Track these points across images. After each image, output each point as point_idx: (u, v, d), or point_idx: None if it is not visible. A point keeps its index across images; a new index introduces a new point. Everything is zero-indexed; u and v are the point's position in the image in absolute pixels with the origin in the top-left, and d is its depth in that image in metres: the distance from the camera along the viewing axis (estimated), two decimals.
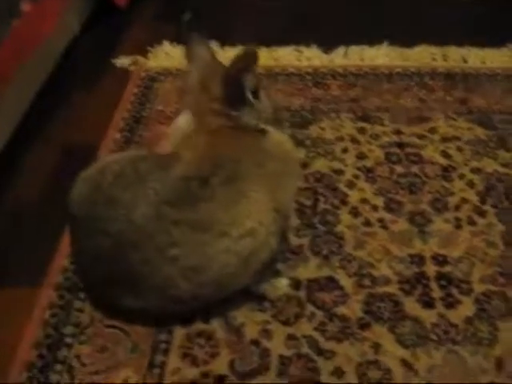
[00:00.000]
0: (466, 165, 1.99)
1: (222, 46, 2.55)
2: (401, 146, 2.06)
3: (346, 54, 2.52)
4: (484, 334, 1.52)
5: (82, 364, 1.45)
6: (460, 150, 2.05)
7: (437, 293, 1.61)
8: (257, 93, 1.47)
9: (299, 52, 2.53)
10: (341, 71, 2.42)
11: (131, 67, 2.46)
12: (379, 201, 1.86)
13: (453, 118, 2.18)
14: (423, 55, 2.51)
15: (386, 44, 2.55)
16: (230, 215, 1.38)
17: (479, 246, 1.73)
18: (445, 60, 2.50)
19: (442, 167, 1.98)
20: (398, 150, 2.04)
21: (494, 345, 1.49)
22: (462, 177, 1.95)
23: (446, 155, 2.03)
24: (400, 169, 1.97)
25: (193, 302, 1.44)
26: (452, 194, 1.89)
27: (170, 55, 2.50)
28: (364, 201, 1.86)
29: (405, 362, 1.46)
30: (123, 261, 1.36)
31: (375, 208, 1.84)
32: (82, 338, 1.50)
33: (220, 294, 1.46)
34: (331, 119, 2.16)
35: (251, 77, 1.41)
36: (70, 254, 1.60)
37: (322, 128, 2.13)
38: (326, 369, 1.44)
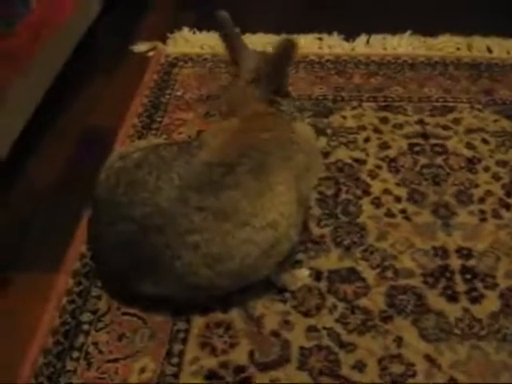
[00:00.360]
0: (491, 157, 1.95)
1: (243, 33, 2.51)
2: (425, 136, 2.02)
3: (368, 42, 2.48)
4: (509, 330, 1.48)
5: (100, 351, 1.43)
6: (485, 141, 2.01)
7: (461, 287, 1.57)
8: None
9: (320, 40, 2.49)
10: (363, 60, 2.38)
11: (149, 53, 2.43)
12: (402, 192, 1.82)
13: (478, 109, 2.14)
14: (447, 44, 2.47)
15: (408, 33, 2.50)
16: (253, 206, 1.36)
17: (504, 239, 1.69)
18: (469, 50, 2.46)
19: (467, 159, 1.94)
20: (421, 141, 2.00)
21: None
22: (486, 169, 1.90)
23: (470, 147, 1.98)
24: (424, 160, 1.93)
25: (212, 291, 1.42)
26: (477, 186, 1.85)
27: (189, 41, 2.48)
28: (386, 191, 1.82)
29: (428, 357, 1.42)
30: (147, 245, 1.35)
31: (398, 199, 1.80)
32: (99, 326, 1.49)
33: (239, 283, 1.45)
34: (353, 108, 2.13)
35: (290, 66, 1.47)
36: (88, 240, 1.58)
37: (343, 117, 2.10)
38: (348, 362, 1.41)
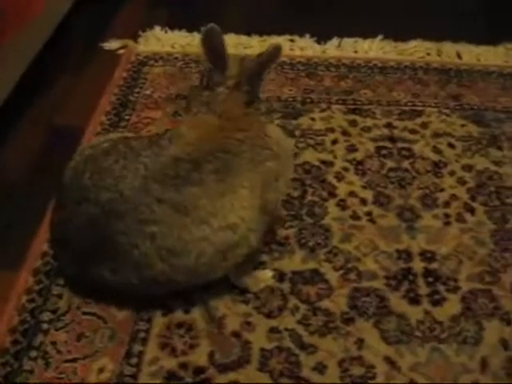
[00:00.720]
0: (457, 161, 1.96)
1: None
2: (392, 139, 2.03)
3: (339, 45, 2.49)
4: (469, 332, 1.49)
5: (58, 351, 1.41)
6: (451, 146, 2.02)
7: (423, 289, 1.58)
8: None
9: (292, 42, 2.49)
10: (334, 62, 2.39)
11: (120, 51, 2.41)
12: (368, 194, 1.83)
13: (446, 114, 2.16)
14: (418, 49, 2.48)
15: (380, 37, 2.52)
16: (213, 205, 1.37)
17: (468, 243, 1.70)
18: (439, 55, 2.47)
19: (433, 163, 1.95)
20: (389, 144, 2.01)
21: (478, 344, 1.47)
22: (452, 173, 1.92)
23: (437, 151, 2.00)
24: (390, 163, 1.94)
25: (168, 285, 1.42)
26: (442, 190, 1.86)
27: (160, 40, 2.46)
28: (352, 194, 1.83)
29: (388, 359, 1.43)
30: (108, 229, 1.37)
31: (364, 201, 1.81)
32: (58, 325, 1.47)
33: (195, 280, 1.44)
34: (322, 110, 2.13)
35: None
36: (52, 226, 1.55)
37: (312, 119, 2.10)
38: (308, 364, 1.41)
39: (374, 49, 2.47)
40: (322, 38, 2.51)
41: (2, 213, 1.77)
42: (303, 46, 2.47)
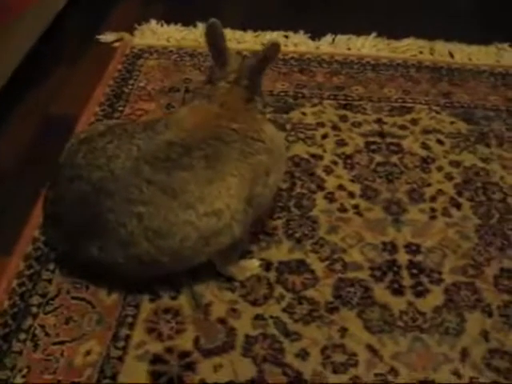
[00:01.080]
0: (445, 157, 1.99)
1: None
2: (381, 135, 2.06)
3: (333, 42, 2.51)
4: (451, 323, 1.52)
5: (47, 334, 1.44)
6: (440, 142, 2.05)
7: (407, 281, 1.61)
8: None
9: (286, 38, 2.52)
10: (327, 58, 2.41)
11: (115, 44, 2.44)
12: (356, 188, 1.86)
13: (435, 111, 2.18)
14: (410, 48, 2.51)
15: (373, 35, 2.54)
16: (201, 191, 1.40)
17: (453, 237, 1.73)
18: (431, 54, 2.50)
19: (421, 158, 1.98)
20: (378, 139, 2.04)
21: (460, 335, 1.49)
22: (440, 169, 1.95)
23: (425, 147, 2.02)
24: (379, 158, 1.97)
25: (153, 266, 1.44)
26: (429, 185, 1.89)
27: (156, 33, 2.49)
28: (341, 187, 1.85)
29: (370, 347, 1.46)
30: (98, 207, 1.40)
31: (351, 195, 1.83)
32: (47, 309, 1.49)
33: (178, 264, 1.47)
34: (313, 105, 2.16)
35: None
36: (45, 202, 1.56)
37: (303, 113, 2.12)
38: (292, 350, 1.44)
39: (367, 46, 2.49)
40: (315, 35, 2.53)
41: None
42: (297, 42, 2.49)
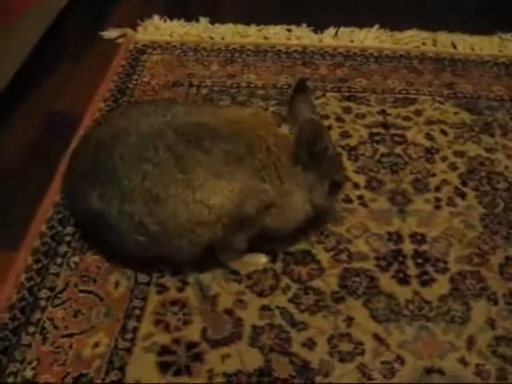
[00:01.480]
0: (450, 148, 1.99)
1: (212, 23, 2.55)
2: (385, 126, 2.06)
3: (335, 34, 2.51)
4: (457, 312, 1.52)
5: (55, 327, 1.45)
6: (444, 132, 2.05)
7: (413, 270, 1.61)
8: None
9: (289, 31, 2.52)
10: (330, 51, 2.42)
11: (119, 40, 2.45)
12: (361, 179, 1.86)
13: (439, 102, 2.18)
14: (413, 39, 2.51)
15: (376, 27, 2.54)
16: (206, 179, 1.42)
17: (458, 226, 1.74)
18: (434, 45, 2.50)
19: (426, 149, 1.98)
20: (382, 131, 2.04)
21: (466, 323, 1.50)
22: (444, 159, 1.95)
23: (429, 137, 2.03)
24: (383, 149, 1.97)
25: (139, 231, 1.44)
26: (433, 175, 1.89)
27: (159, 29, 2.50)
28: (345, 178, 1.85)
29: (377, 337, 1.46)
30: (110, 150, 1.45)
31: (356, 186, 1.84)
32: (56, 302, 1.51)
33: (162, 240, 1.46)
34: (317, 98, 2.16)
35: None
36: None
37: None
38: (298, 340, 1.45)
39: (370, 38, 2.50)
40: (318, 28, 2.54)
41: (0, 195, 1.80)
42: (300, 36, 2.49)
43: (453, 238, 1.70)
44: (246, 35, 2.49)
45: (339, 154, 1.78)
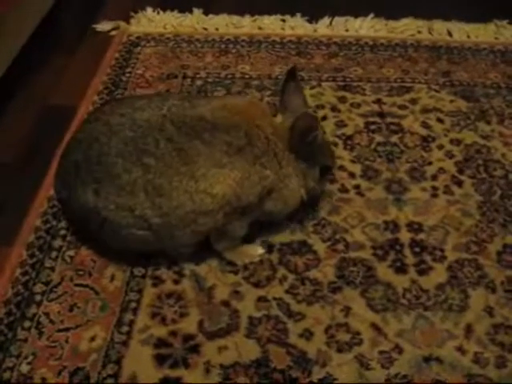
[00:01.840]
0: (446, 136, 1.99)
1: (205, 14, 2.53)
2: (381, 115, 2.05)
3: (330, 24, 2.50)
4: (455, 300, 1.52)
5: (51, 321, 1.45)
6: (440, 121, 2.04)
7: (410, 259, 1.61)
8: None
9: (284, 21, 2.50)
10: (324, 41, 2.40)
11: (112, 32, 2.43)
12: (357, 168, 1.85)
13: (435, 90, 2.17)
14: (409, 27, 2.49)
15: (371, 16, 2.53)
16: (208, 169, 1.43)
17: (455, 215, 1.73)
18: (430, 33, 2.48)
19: (422, 137, 1.97)
20: (378, 120, 2.03)
21: (464, 311, 1.50)
22: (440, 147, 1.94)
23: (426, 126, 2.02)
24: (379, 138, 1.96)
25: (139, 224, 1.44)
26: (430, 163, 1.88)
27: (152, 21, 2.48)
28: (341, 168, 1.85)
29: (374, 326, 1.46)
30: (106, 146, 1.44)
31: (352, 175, 1.83)
32: (51, 296, 1.50)
33: (163, 231, 1.46)
34: (312, 87, 2.15)
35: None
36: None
37: None
38: (295, 330, 1.44)
39: (365, 27, 2.48)
40: (313, 18, 2.52)
41: None
42: (294, 26, 2.48)
43: (450, 227, 1.70)
44: (240, 26, 2.48)
45: (328, 141, 1.83)
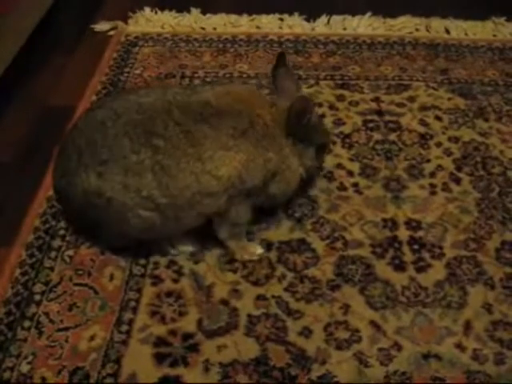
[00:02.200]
0: (444, 133, 1.99)
1: (203, 13, 2.54)
2: (379, 113, 2.05)
3: (328, 22, 2.50)
4: (453, 297, 1.52)
5: (51, 321, 1.45)
6: (438, 118, 2.05)
7: (408, 257, 1.61)
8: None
9: (281, 20, 2.51)
10: (322, 39, 2.41)
11: (110, 32, 2.43)
12: (355, 166, 1.86)
13: (433, 88, 2.18)
14: (406, 25, 2.50)
15: (369, 14, 2.53)
16: (215, 151, 1.45)
17: (453, 212, 1.73)
18: (428, 31, 2.49)
19: (420, 135, 1.98)
20: (376, 118, 2.03)
21: (462, 308, 1.50)
22: (438, 145, 1.94)
23: (424, 123, 2.02)
24: (377, 135, 1.96)
25: (145, 205, 1.44)
26: (428, 161, 1.88)
27: (150, 21, 2.48)
28: (340, 166, 1.85)
29: (373, 323, 1.46)
30: (113, 128, 1.45)
31: (350, 173, 1.83)
32: (51, 296, 1.50)
33: (168, 213, 1.46)
34: (310, 86, 2.15)
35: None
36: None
37: None
38: (294, 328, 1.44)
39: (363, 25, 2.49)
40: (311, 16, 2.53)
41: None
42: (292, 25, 2.49)
43: (448, 224, 1.70)
44: (238, 25, 2.48)
45: (321, 118, 1.89)
